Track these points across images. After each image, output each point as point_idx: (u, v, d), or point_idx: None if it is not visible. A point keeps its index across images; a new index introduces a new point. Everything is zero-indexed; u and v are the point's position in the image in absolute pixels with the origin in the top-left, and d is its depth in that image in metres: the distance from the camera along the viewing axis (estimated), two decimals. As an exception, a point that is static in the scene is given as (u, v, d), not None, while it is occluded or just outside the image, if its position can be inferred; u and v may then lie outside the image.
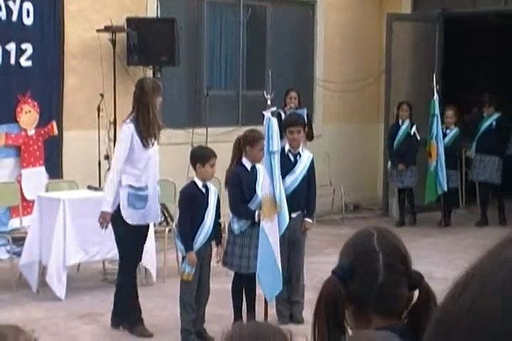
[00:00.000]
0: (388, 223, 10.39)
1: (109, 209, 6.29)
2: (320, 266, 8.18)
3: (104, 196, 6.38)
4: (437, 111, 10.54)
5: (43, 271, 7.46)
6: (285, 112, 9.98)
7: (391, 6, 12.27)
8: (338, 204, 11.41)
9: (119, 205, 6.32)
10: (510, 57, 13.70)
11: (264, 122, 5.97)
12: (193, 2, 10.63)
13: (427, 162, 10.75)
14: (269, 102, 6.05)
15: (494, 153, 10.97)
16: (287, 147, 6.78)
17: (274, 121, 5.96)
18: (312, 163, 6.90)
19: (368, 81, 9.82)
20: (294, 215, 6.73)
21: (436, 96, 10.50)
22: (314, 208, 7.04)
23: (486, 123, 11.07)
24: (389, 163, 11.13)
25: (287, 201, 6.61)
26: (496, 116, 11.05)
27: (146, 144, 6.33)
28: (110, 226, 6.41)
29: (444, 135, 10.89)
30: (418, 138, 10.81)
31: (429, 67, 11.98)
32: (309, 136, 10.29)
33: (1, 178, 8.81)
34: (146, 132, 6.32)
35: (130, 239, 6.34)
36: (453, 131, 11.09)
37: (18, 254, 7.73)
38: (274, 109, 6.07)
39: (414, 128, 10.84)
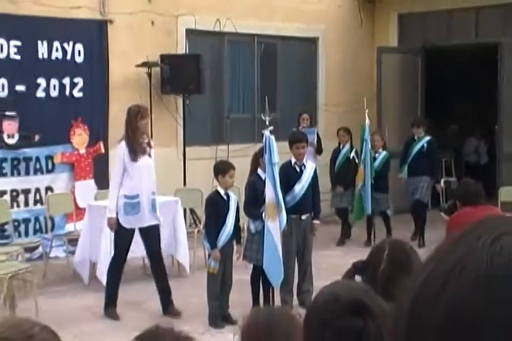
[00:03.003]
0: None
1: (113, 214, 6.41)
2: (325, 258, 8.22)
3: (108, 205, 6.50)
4: (367, 135, 9.19)
5: (93, 266, 7.53)
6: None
7: (381, 40, 12.28)
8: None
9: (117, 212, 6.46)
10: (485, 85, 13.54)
11: (264, 139, 6.06)
12: (215, 40, 10.71)
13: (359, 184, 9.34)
14: (267, 123, 6.12)
15: (426, 175, 9.54)
16: (293, 160, 6.77)
17: (272, 138, 6.05)
18: (315, 171, 6.90)
19: (361, 104, 9.79)
20: (303, 217, 6.73)
21: (367, 122, 9.26)
22: (320, 210, 7.03)
23: (418, 146, 9.72)
24: (330, 185, 9.91)
25: (297, 206, 6.64)
26: (427, 138, 9.73)
27: (133, 158, 6.41)
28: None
29: (374, 159, 9.48)
30: (357, 161, 9.55)
31: (413, 93, 11.95)
32: (319, 151, 10.28)
33: (59, 190, 8.94)
34: (133, 148, 6.43)
35: (125, 241, 6.45)
36: (382, 155, 9.64)
37: (73, 253, 7.81)
38: (271, 128, 6.13)
39: (353, 153, 9.74)
